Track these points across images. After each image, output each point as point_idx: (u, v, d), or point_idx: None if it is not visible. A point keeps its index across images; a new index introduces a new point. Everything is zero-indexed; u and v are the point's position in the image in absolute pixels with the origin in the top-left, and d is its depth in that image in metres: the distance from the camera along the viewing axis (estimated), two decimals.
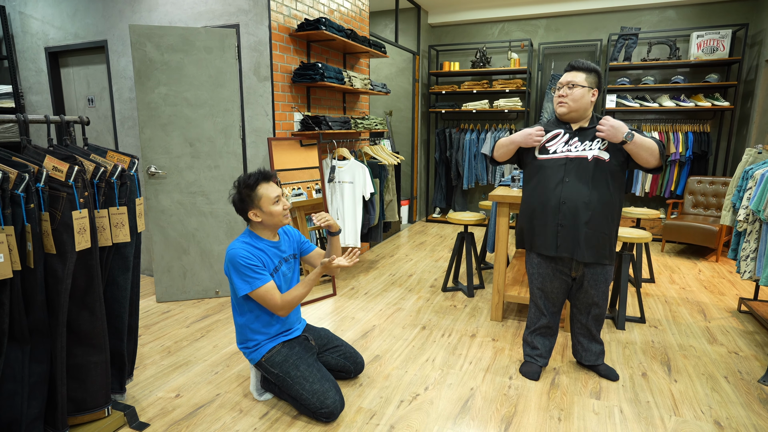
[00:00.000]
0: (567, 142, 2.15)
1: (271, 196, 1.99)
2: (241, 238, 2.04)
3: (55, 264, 1.64)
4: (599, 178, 2.08)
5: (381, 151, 4.30)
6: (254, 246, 2.02)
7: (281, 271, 2.11)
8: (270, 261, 2.05)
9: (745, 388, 2.29)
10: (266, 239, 2.08)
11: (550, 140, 2.18)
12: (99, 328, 1.81)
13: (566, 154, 2.13)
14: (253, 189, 1.99)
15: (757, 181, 2.76)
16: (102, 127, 4.06)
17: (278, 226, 2.06)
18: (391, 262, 4.47)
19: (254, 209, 2.00)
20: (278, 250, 2.11)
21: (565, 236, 2.14)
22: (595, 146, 2.10)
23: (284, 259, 2.14)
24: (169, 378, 2.38)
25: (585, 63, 2.13)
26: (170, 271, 3.38)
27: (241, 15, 3.30)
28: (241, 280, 1.96)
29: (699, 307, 3.33)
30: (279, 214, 2.02)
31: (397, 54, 6.03)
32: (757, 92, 4.66)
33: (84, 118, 1.93)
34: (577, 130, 2.16)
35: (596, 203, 2.08)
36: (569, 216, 2.11)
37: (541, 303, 2.36)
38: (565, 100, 2.11)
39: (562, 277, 2.26)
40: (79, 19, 3.86)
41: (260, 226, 2.05)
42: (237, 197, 2.01)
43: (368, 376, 2.39)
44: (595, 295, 2.23)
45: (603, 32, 5.54)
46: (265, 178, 2.02)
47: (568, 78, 2.12)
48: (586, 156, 2.10)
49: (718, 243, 4.39)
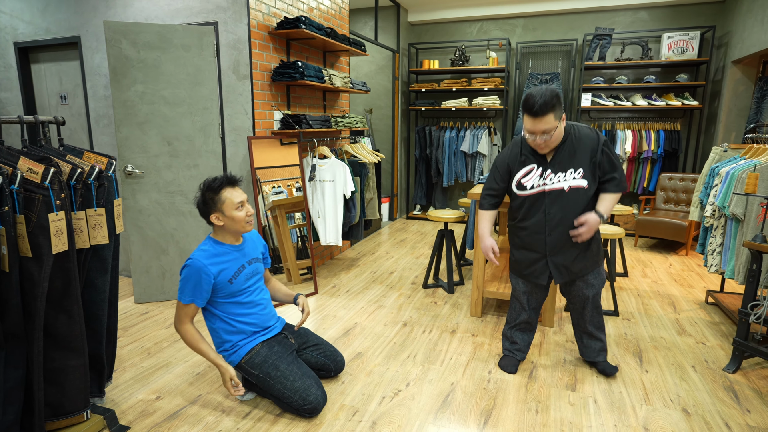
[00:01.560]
0: (541, 175, 2.14)
1: (234, 201, 1.99)
2: (201, 245, 2.05)
3: (31, 267, 1.61)
4: (580, 205, 2.12)
5: (361, 150, 4.31)
6: (213, 253, 2.02)
7: (244, 273, 2.10)
8: (231, 264, 2.05)
9: (710, 376, 2.40)
10: (228, 243, 2.08)
11: (525, 175, 2.18)
12: (77, 332, 1.79)
13: (542, 188, 2.14)
14: (217, 192, 1.99)
15: (723, 178, 2.88)
16: (76, 126, 3.97)
17: (240, 232, 2.07)
18: (372, 260, 4.50)
19: (216, 213, 2.00)
20: (241, 254, 2.11)
21: (555, 266, 2.22)
22: (570, 176, 2.10)
23: (248, 262, 2.13)
24: (150, 380, 2.37)
25: (546, 103, 1.93)
26: (149, 272, 3.34)
27: (220, 12, 3.27)
28: (179, 287, 2.01)
29: (669, 300, 3.46)
30: (241, 220, 2.02)
31: (377, 52, 6.04)
32: (724, 92, 4.84)
33: (59, 118, 1.90)
34: (551, 160, 2.12)
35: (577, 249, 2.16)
36: (557, 247, 2.18)
37: (524, 299, 2.40)
38: (544, 146, 2.05)
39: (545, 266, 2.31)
40: (50, 13, 3.76)
41: (222, 230, 2.06)
42: (201, 200, 2.02)
43: (350, 373, 2.42)
44: (585, 287, 2.26)
45: (578, 32, 5.66)
46: (230, 182, 2.03)
47: (540, 127, 1.97)
48: (562, 188, 2.11)
49: (688, 238, 4.55)
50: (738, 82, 4.78)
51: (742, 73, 4.75)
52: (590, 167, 2.09)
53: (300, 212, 3.65)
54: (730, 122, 4.87)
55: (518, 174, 2.19)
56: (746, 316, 2.37)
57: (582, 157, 2.09)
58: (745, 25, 4.45)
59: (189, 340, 2.02)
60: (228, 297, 2.07)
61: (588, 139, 2.10)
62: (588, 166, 2.09)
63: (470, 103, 5.97)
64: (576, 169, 2.09)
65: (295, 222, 3.65)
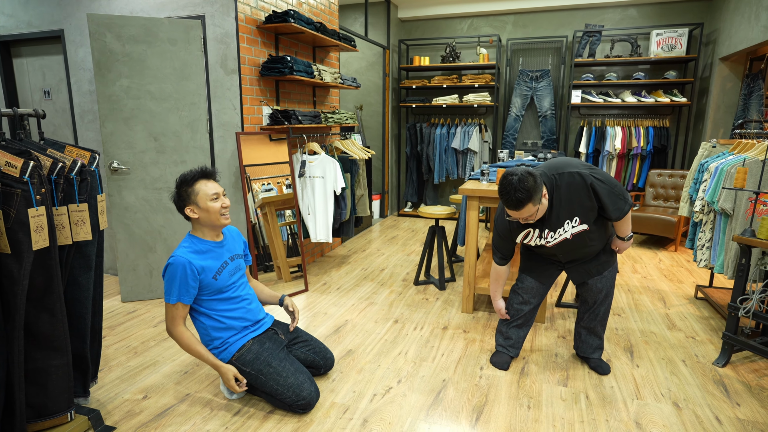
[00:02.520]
0: (540, 235, 2.15)
1: (208, 193, 1.96)
2: (183, 242, 2.02)
3: (11, 264, 1.56)
4: (587, 241, 2.15)
5: (352, 146, 4.28)
6: (194, 249, 1.99)
7: (228, 269, 2.07)
8: (213, 261, 2.02)
9: (701, 370, 2.41)
10: (208, 240, 2.04)
11: (525, 237, 2.18)
12: (60, 330, 1.74)
13: (546, 243, 2.18)
14: (191, 185, 1.96)
15: (712, 173, 2.90)
16: (60, 121, 3.89)
17: (216, 225, 2.02)
18: (363, 257, 4.47)
19: (191, 205, 1.97)
20: (222, 250, 2.08)
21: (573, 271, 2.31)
22: (569, 227, 2.09)
23: (230, 258, 2.10)
24: (136, 379, 2.32)
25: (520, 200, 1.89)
26: (136, 270, 3.28)
27: (207, 6, 3.21)
28: (165, 288, 1.97)
29: (659, 295, 3.48)
30: (216, 211, 1.98)
31: (367, 48, 6.01)
32: (712, 89, 4.88)
33: (39, 111, 1.84)
34: (545, 222, 2.10)
35: (595, 249, 2.21)
36: (572, 264, 2.28)
37: (528, 296, 2.38)
38: (531, 221, 2.03)
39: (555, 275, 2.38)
40: (32, 6, 3.67)
41: (199, 225, 2.02)
42: (175, 194, 1.99)
43: (341, 371, 2.39)
44: (599, 281, 2.27)
45: (568, 29, 5.67)
46: (205, 175, 2.00)
47: (520, 215, 1.96)
48: (565, 238, 2.13)
49: (677, 233, 4.58)
50: (726, 79, 4.82)
51: (729, 70, 4.79)
52: (586, 211, 2.07)
53: (290, 209, 3.61)
54: (718, 118, 4.91)
55: (518, 237, 2.21)
56: (735, 310, 2.38)
57: (575, 206, 2.06)
58: (733, 23, 4.49)
59: (185, 343, 1.99)
60: (213, 294, 2.03)
61: (575, 189, 2.03)
62: (584, 211, 2.07)
63: (461, 100, 5.96)
64: (572, 218, 2.08)
65: (285, 219, 3.60)
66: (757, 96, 4.48)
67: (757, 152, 2.80)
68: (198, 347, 1.99)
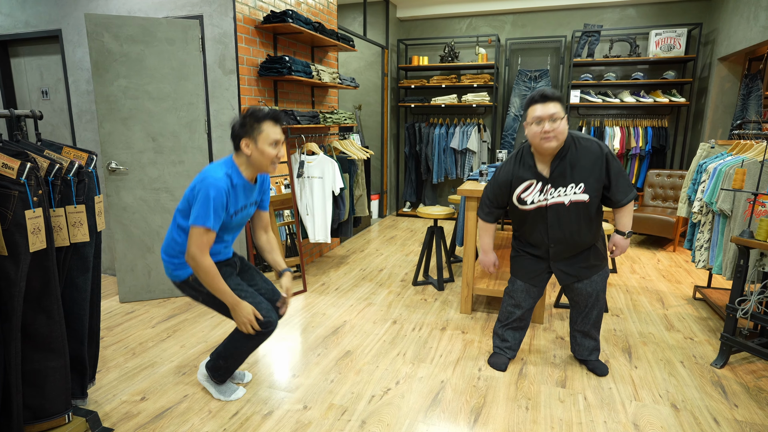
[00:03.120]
0: (541, 190, 2.12)
1: (271, 136, 1.88)
2: (225, 167, 1.90)
3: (7, 266, 1.56)
4: (582, 217, 2.11)
5: (350, 146, 4.27)
6: (234, 182, 1.90)
7: (243, 213, 2.01)
8: (237, 201, 1.94)
9: (699, 371, 2.41)
10: (246, 178, 1.95)
11: (525, 190, 2.15)
12: (57, 332, 1.74)
13: (544, 203, 2.12)
14: (259, 122, 1.87)
15: (710, 174, 2.90)
16: (58, 121, 3.88)
17: (262, 169, 1.94)
18: (362, 257, 4.47)
19: (249, 140, 1.88)
20: (250, 192, 2.01)
21: (560, 271, 2.25)
22: (570, 191, 2.07)
23: (251, 203, 2.05)
24: (134, 381, 2.32)
25: (555, 92, 2.01)
26: (134, 270, 3.28)
27: (205, 6, 3.20)
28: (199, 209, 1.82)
29: (658, 296, 3.48)
30: (270, 157, 1.90)
31: (365, 48, 6.00)
32: (710, 89, 4.88)
33: (36, 111, 1.84)
34: (550, 174, 2.09)
35: (583, 238, 2.15)
36: (560, 256, 2.21)
37: (520, 297, 2.36)
38: (552, 135, 1.97)
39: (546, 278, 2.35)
40: (30, 6, 3.66)
41: (245, 161, 1.93)
42: (239, 122, 1.89)
43: (339, 372, 2.39)
44: (589, 285, 2.25)
45: (567, 29, 5.67)
46: (275, 118, 1.91)
47: (549, 111, 1.96)
48: (563, 202, 2.09)
49: (676, 233, 4.59)
50: (724, 79, 4.82)
51: (728, 70, 4.79)
52: (593, 181, 2.06)
53: (288, 209, 3.61)
54: (716, 119, 4.91)
55: (518, 189, 2.17)
56: (734, 311, 2.39)
57: (583, 171, 2.05)
58: (731, 23, 4.49)
59: (213, 275, 1.85)
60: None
61: (590, 153, 2.05)
62: (590, 180, 2.06)
63: (460, 100, 5.95)
64: (577, 183, 2.06)
65: (283, 219, 3.60)
66: (755, 96, 4.48)
67: (756, 153, 2.80)
68: (223, 283, 1.87)
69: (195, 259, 1.83)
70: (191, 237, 1.82)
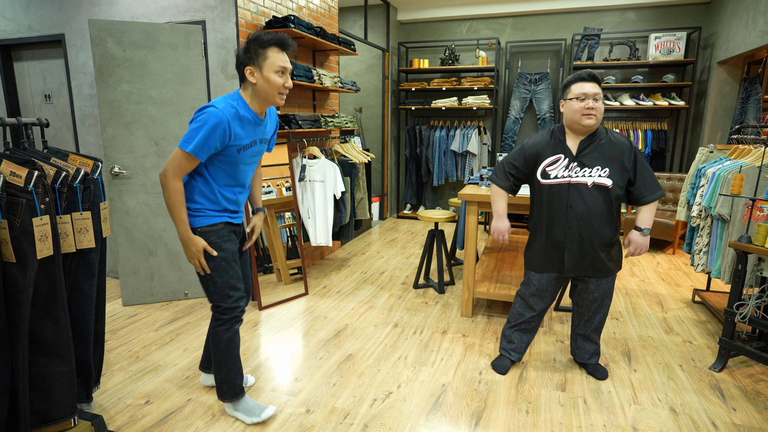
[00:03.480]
0: (567, 166, 2.14)
1: (277, 63, 1.77)
2: (230, 99, 1.80)
3: (15, 273, 1.58)
4: (603, 202, 2.11)
5: (351, 149, 4.30)
6: (239, 115, 1.78)
7: (252, 149, 1.89)
8: (245, 135, 1.83)
9: (697, 375, 2.43)
10: (254, 112, 1.84)
11: (551, 164, 2.18)
12: (63, 337, 1.76)
13: (567, 180, 2.14)
14: (264, 47, 1.76)
15: (709, 179, 2.92)
16: (61, 125, 3.90)
17: (269, 100, 1.83)
18: (363, 260, 4.49)
19: (254, 67, 1.77)
20: (260, 128, 1.90)
21: (571, 258, 2.20)
22: (595, 173, 2.10)
23: (260, 140, 1.93)
24: (138, 384, 2.34)
25: (598, 75, 2.11)
26: (137, 274, 3.30)
27: (207, 11, 3.22)
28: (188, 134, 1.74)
29: (657, 299, 3.50)
30: (276, 86, 1.79)
31: (366, 51, 6.02)
32: (710, 92, 4.90)
33: (43, 120, 1.86)
34: (578, 153, 2.13)
35: (601, 226, 2.13)
36: (575, 241, 2.16)
37: (533, 301, 2.36)
38: (594, 113, 2.06)
39: (560, 279, 2.31)
40: (33, 11, 3.68)
41: (251, 91, 1.82)
42: (243, 48, 1.78)
43: (341, 375, 2.41)
44: (596, 290, 2.25)
45: (567, 32, 5.69)
46: (281, 44, 1.79)
47: (594, 90, 2.07)
48: (586, 182, 2.11)
49: (675, 236, 4.61)
50: (723, 83, 4.84)
51: (727, 74, 4.82)
52: (618, 170, 2.10)
53: (290, 212, 3.63)
54: (716, 122, 4.94)
55: (545, 161, 2.19)
56: (732, 315, 2.41)
57: (610, 157, 2.11)
58: (731, 27, 4.52)
59: (175, 199, 1.77)
60: (226, 164, 1.85)
61: (620, 144, 2.13)
62: (615, 168, 2.10)
63: (460, 103, 5.98)
64: (603, 167, 2.10)
65: (284, 222, 3.62)
66: (754, 100, 4.51)
67: (754, 158, 2.82)
68: (181, 210, 1.79)
69: (166, 176, 1.75)
70: (171, 158, 1.75)
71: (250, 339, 2.82)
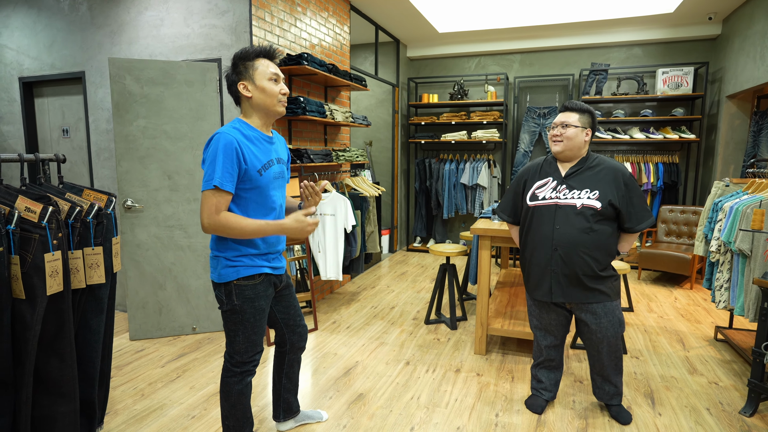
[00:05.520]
0: (555, 188, 2.16)
1: (268, 71, 1.71)
2: (231, 124, 1.72)
3: (24, 310, 1.56)
4: (591, 224, 2.07)
5: (362, 183, 4.31)
6: (244, 134, 1.69)
7: (272, 171, 1.76)
8: (260, 153, 1.72)
9: (727, 419, 2.31)
10: (258, 129, 1.76)
11: (540, 186, 2.20)
12: (68, 376, 1.72)
13: (555, 201, 2.14)
14: (251, 59, 1.71)
15: (727, 213, 2.86)
16: (77, 159, 3.97)
17: (271, 111, 1.75)
18: (373, 294, 4.42)
19: (246, 81, 1.70)
20: (271, 146, 1.79)
21: (558, 282, 2.14)
22: (584, 195, 2.10)
23: (277, 160, 1.80)
24: (142, 424, 2.26)
25: (578, 104, 2.18)
26: (145, 308, 3.26)
27: (223, 49, 3.31)
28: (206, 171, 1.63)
29: (677, 336, 3.38)
30: (273, 94, 1.71)
31: (377, 86, 6.14)
32: (720, 126, 4.89)
33: (60, 155, 1.88)
34: (566, 176, 2.15)
35: (589, 249, 2.07)
36: (561, 263, 2.11)
37: (539, 336, 2.35)
38: (559, 139, 2.14)
39: (558, 309, 2.25)
40: (57, 50, 3.82)
41: (251, 108, 1.74)
42: (230, 68, 1.74)
43: (352, 416, 2.32)
44: (598, 330, 2.15)
45: (575, 67, 5.77)
46: (267, 54, 1.74)
47: (561, 118, 2.16)
48: (574, 204, 2.10)
49: (692, 271, 4.50)
50: (734, 116, 4.84)
51: (737, 108, 4.82)
52: (607, 192, 2.08)
53: (300, 245, 3.61)
54: (728, 155, 4.91)
55: (534, 184, 2.22)
56: (760, 356, 2.30)
57: (600, 181, 2.11)
58: (738, 62, 4.55)
59: (241, 226, 1.62)
60: (251, 192, 1.70)
61: (612, 168, 2.13)
62: (605, 190, 2.08)
63: (469, 136, 6.02)
64: (592, 190, 2.10)
65: (294, 254, 3.60)
66: (766, 133, 4.48)
67: None
68: (254, 223, 1.64)
69: (210, 221, 1.61)
70: (202, 205, 1.62)
71: (258, 376, 2.74)
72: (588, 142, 2.17)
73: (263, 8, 3.33)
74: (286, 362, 2.09)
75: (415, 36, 5.92)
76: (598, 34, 5.55)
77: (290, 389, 2.15)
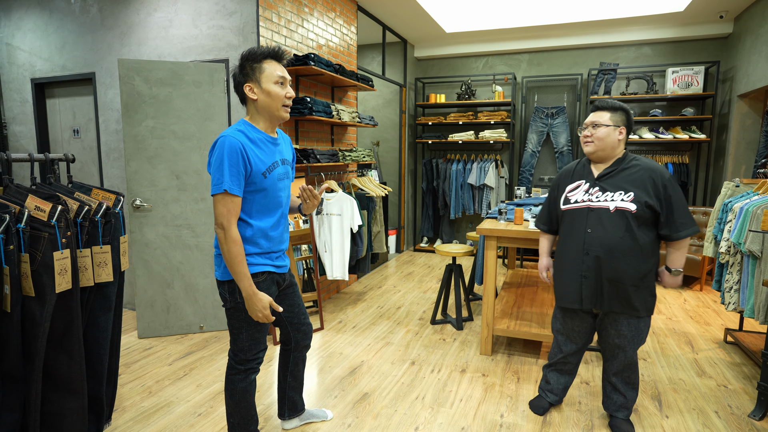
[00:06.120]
0: (587, 191, 2.09)
1: (275, 74, 1.71)
2: (235, 126, 1.73)
3: (33, 307, 1.58)
4: (624, 228, 1.97)
5: (369, 183, 4.31)
6: (249, 137, 1.70)
7: (277, 171, 1.78)
8: (264, 156, 1.73)
9: (736, 423, 2.28)
10: (263, 131, 1.77)
11: (572, 189, 2.15)
12: (77, 373, 1.75)
13: (587, 204, 2.06)
14: (258, 61, 1.71)
15: (737, 214, 2.83)
16: (87, 158, 4.02)
17: (275, 115, 1.75)
18: (379, 294, 4.43)
19: (252, 83, 1.71)
20: (276, 147, 1.81)
21: (588, 287, 2.06)
22: (618, 197, 1.99)
23: (282, 161, 1.82)
24: (150, 421, 2.29)
25: (609, 102, 2.08)
26: (153, 306, 3.30)
27: (231, 50, 3.34)
28: (213, 175, 1.65)
29: (686, 338, 3.35)
30: (278, 97, 1.72)
31: (384, 86, 6.14)
32: (731, 125, 4.83)
33: (69, 155, 1.91)
34: (599, 178, 2.07)
35: (621, 254, 1.97)
36: (592, 267, 2.03)
37: (561, 340, 2.29)
38: (590, 140, 2.07)
39: (583, 316, 2.17)
40: (68, 51, 3.87)
41: (255, 112, 1.76)
42: (238, 68, 1.74)
43: (356, 416, 2.33)
44: (615, 335, 2.08)
45: (583, 67, 5.73)
46: (275, 56, 1.74)
47: (592, 118, 2.08)
48: (608, 207, 2.00)
49: (702, 272, 4.45)
50: (745, 116, 4.77)
51: (748, 107, 4.75)
52: (642, 194, 1.96)
53: (306, 244, 3.62)
54: (739, 155, 4.84)
55: (567, 187, 2.17)
56: None
57: (637, 183, 1.99)
58: (749, 61, 4.49)
59: (235, 252, 1.64)
60: (256, 194, 1.73)
61: (649, 169, 2.00)
62: (639, 192, 1.96)
63: (477, 136, 6.00)
64: (627, 192, 1.99)
65: (301, 254, 3.61)
66: None
67: None
68: (242, 264, 1.66)
69: (222, 226, 1.64)
70: (214, 210, 1.65)
71: (264, 375, 2.76)
72: (623, 141, 2.06)
73: (270, 9, 3.35)
74: (291, 360, 2.10)
75: (423, 36, 5.92)
76: (606, 33, 5.51)
77: (295, 387, 2.16)
